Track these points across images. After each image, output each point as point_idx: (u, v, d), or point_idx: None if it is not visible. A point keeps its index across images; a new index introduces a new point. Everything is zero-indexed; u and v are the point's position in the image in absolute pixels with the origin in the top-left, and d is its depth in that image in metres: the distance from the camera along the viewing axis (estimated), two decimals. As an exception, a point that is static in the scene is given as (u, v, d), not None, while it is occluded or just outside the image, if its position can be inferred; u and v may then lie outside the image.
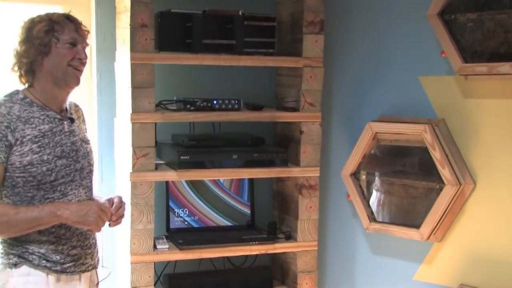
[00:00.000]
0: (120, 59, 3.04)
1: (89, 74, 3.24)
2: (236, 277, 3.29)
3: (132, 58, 2.89)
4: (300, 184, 3.25)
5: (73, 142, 2.36)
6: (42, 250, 2.28)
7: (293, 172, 3.24)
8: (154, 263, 3.05)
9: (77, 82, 2.36)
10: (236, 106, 3.12)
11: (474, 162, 2.78)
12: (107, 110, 3.21)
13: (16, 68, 2.33)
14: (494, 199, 2.71)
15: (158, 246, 3.05)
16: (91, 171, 2.45)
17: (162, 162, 3.15)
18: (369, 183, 3.17)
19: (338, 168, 3.32)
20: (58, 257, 2.31)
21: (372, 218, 3.11)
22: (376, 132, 3.04)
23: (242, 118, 3.16)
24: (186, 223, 3.30)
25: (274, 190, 3.54)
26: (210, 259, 3.29)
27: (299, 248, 3.27)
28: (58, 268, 2.31)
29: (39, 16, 2.33)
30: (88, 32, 2.42)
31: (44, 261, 2.29)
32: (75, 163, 2.35)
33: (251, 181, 3.42)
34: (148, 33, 2.90)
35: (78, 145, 2.38)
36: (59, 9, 3.14)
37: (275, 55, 3.19)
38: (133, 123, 2.92)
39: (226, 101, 3.10)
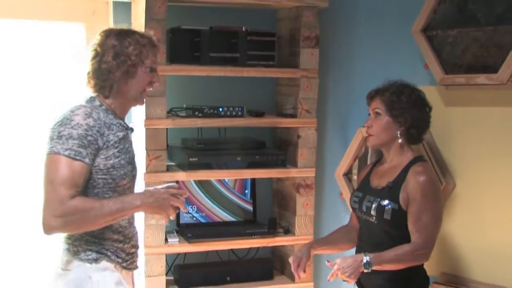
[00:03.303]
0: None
1: (107, 84, 3.26)
2: (239, 267, 3.29)
3: (146, 70, 2.93)
4: (297, 184, 3.27)
5: (133, 150, 2.31)
6: (113, 248, 2.23)
7: (291, 172, 3.26)
8: (166, 254, 3.07)
9: (144, 102, 2.32)
10: (239, 113, 3.12)
11: (454, 164, 2.81)
12: (123, 116, 3.24)
13: (95, 76, 2.21)
14: (472, 196, 2.74)
15: (169, 240, 3.06)
16: None
17: (173, 163, 3.16)
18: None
19: (332, 169, 3.36)
20: (124, 254, 2.27)
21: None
22: (365, 137, 3.07)
23: (245, 124, 3.17)
24: (194, 218, 3.31)
25: (274, 189, 3.54)
26: (216, 251, 3.31)
27: (297, 241, 3.27)
28: (124, 264, 2.27)
29: (127, 34, 2.22)
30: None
31: (116, 257, 2.23)
32: (134, 170, 2.30)
33: (253, 180, 3.42)
34: (161, 47, 2.90)
35: (135, 154, 2.33)
36: (82, 26, 3.19)
37: (275, 67, 3.20)
38: (146, 128, 2.95)
39: (231, 108, 3.11)
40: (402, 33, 2.97)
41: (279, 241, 3.28)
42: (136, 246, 2.35)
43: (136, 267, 2.37)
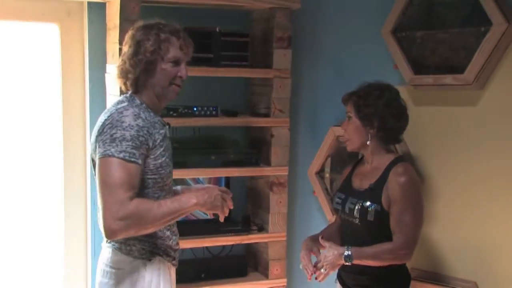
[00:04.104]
0: (110, 70, 3.05)
1: (82, 83, 3.23)
2: (214, 264, 3.30)
3: (121, 70, 2.92)
4: (271, 182, 3.29)
5: (171, 147, 2.28)
6: (164, 246, 2.22)
7: (265, 171, 3.28)
8: (141, 252, 3.09)
9: (175, 97, 2.25)
10: (214, 113, 3.13)
11: (423, 161, 2.83)
12: (98, 116, 3.21)
13: (120, 75, 2.21)
14: (440, 193, 2.77)
15: (144, 238, 3.08)
16: None
17: (148, 162, 3.18)
18: (332, 181, 3.24)
19: (305, 167, 3.37)
20: (172, 252, 2.27)
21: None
22: (337, 136, 3.11)
23: (219, 123, 3.18)
24: (169, 217, 3.32)
25: (248, 187, 3.56)
26: (191, 249, 3.31)
27: (270, 239, 3.30)
28: (174, 262, 2.28)
29: (150, 29, 2.16)
30: (191, 45, 2.24)
31: (166, 256, 2.23)
32: (172, 167, 2.26)
33: (227, 179, 3.41)
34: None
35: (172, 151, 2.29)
36: (56, 27, 3.18)
37: (248, 67, 3.21)
38: (122, 128, 2.95)
39: (205, 108, 3.12)
40: (372, 34, 3.00)
41: (253, 238, 3.31)
42: (178, 243, 2.33)
43: (177, 263, 2.35)
